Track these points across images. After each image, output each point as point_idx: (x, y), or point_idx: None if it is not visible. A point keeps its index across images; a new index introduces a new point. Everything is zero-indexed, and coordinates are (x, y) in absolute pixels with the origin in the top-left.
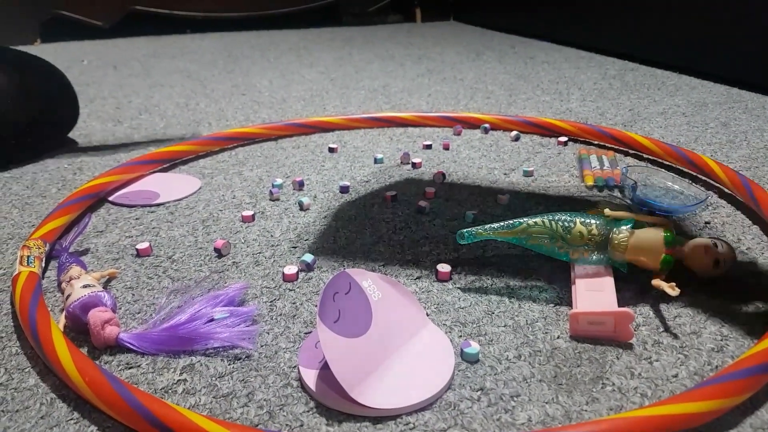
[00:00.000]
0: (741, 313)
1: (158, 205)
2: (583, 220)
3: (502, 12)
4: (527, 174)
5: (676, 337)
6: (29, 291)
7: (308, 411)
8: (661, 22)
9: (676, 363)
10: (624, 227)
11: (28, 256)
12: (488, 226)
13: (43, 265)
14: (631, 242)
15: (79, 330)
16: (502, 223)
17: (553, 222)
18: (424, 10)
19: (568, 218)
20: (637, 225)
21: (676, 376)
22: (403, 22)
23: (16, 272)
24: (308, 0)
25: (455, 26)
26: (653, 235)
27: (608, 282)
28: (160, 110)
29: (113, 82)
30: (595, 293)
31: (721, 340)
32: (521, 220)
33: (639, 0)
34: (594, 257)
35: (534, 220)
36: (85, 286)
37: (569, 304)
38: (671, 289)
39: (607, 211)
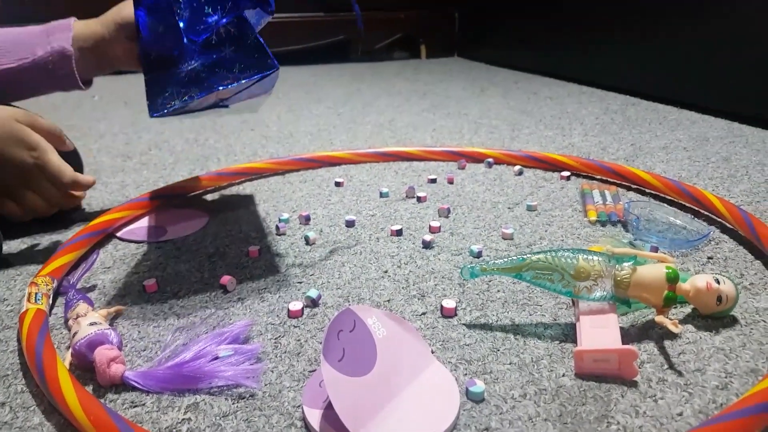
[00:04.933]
0: (745, 350)
1: (166, 241)
2: (585, 256)
3: (505, 48)
4: (531, 208)
5: (680, 374)
6: (36, 328)
7: None
8: (661, 58)
9: (680, 401)
10: (626, 264)
11: (36, 293)
12: (492, 261)
13: (51, 301)
14: (634, 279)
15: (85, 368)
16: (505, 259)
17: (556, 258)
18: (429, 46)
19: (571, 254)
20: (640, 261)
21: (680, 414)
22: (409, 58)
23: (24, 309)
24: (318, 37)
25: (459, 62)
26: (655, 272)
27: (612, 319)
28: (169, 146)
29: (124, 118)
30: (599, 330)
31: (726, 378)
32: (525, 256)
33: (640, 36)
34: (597, 294)
35: (537, 256)
36: (92, 324)
37: (574, 341)
38: (674, 326)
39: (608, 248)
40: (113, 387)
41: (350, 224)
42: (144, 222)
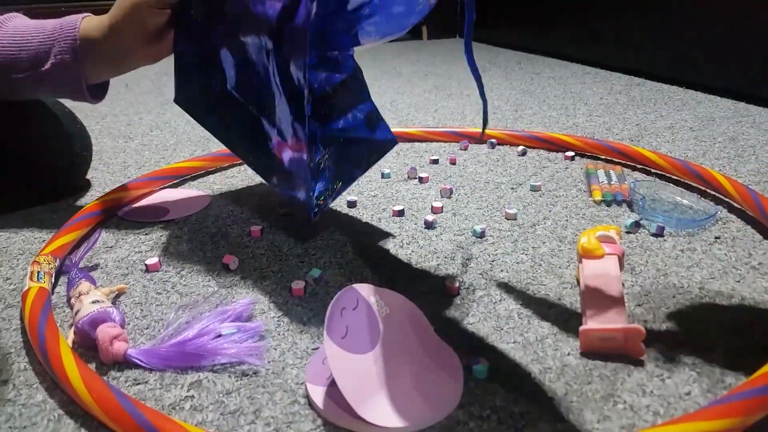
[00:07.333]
0: (754, 329)
1: (168, 221)
2: None
3: (507, 29)
4: (534, 189)
5: (688, 353)
6: (39, 306)
7: (315, 429)
8: (666, 38)
9: (688, 380)
10: None
11: (39, 272)
12: None
13: (53, 280)
14: None
15: (87, 346)
16: None
17: None
18: (430, 27)
19: None
20: None
21: (688, 393)
22: (410, 39)
23: (26, 287)
24: None
25: (461, 43)
26: None
27: (618, 297)
28: (171, 127)
29: (125, 100)
30: (605, 309)
31: (735, 357)
32: None
33: (644, 16)
34: None
35: None
36: (94, 302)
37: (579, 320)
38: None
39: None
40: (116, 365)
41: (352, 205)
42: (146, 202)
